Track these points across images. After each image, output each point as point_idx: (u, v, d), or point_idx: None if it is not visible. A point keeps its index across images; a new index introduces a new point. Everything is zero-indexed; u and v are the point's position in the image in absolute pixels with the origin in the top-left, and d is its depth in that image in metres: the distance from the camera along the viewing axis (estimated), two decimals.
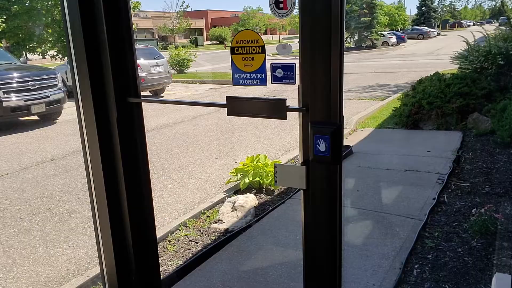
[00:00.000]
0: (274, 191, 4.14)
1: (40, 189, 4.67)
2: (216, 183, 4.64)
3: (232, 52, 1.54)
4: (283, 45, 1.61)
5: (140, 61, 10.89)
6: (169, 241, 3.24)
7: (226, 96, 1.55)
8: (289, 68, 1.49)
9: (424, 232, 3.10)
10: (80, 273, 2.93)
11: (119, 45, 1.81)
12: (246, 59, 1.53)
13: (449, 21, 61.28)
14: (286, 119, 1.49)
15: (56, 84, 8.62)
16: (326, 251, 1.59)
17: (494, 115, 5.57)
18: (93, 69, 1.79)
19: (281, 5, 1.45)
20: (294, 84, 1.49)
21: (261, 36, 1.54)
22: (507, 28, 9.11)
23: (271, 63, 1.49)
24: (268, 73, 1.53)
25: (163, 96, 11.80)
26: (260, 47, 1.51)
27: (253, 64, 1.53)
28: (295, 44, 1.55)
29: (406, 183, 4.12)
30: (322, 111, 1.45)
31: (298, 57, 1.46)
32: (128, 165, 1.92)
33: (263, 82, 1.53)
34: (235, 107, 1.57)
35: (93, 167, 1.92)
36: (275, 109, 1.51)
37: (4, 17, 16.78)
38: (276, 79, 1.50)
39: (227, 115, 1.57)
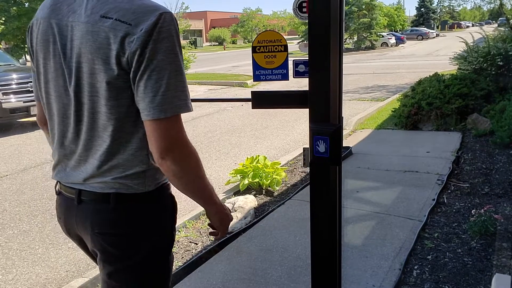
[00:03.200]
0: (273, 192, 4.14)
1: (40, 190, 4.66)
2: (216, 184, 4.64)
3: (254, 51, 1.65)
4: (305, 44, 1.74)
5: None
6: None
7: (251, 91, 1.67)
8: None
9: (423, 233, 3.11)
10: (79, 274, 2.92)
11: None
12: (268, 57, 1.65)
13: (448, 22, 61.40)
14: (307, 108, 1.57)
15: None
16: (325, 251, 1.59)
17: (493, 115, 5.57)
18: None
19: (304, 9, 1.59)
20: None
21: None
22: (506, 29, 9.13)
23: (293, 60, 1.64)
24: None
25: None
26: (283, 46, 1.64)
27: (275, 61, 1.65)
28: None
29: (405, 184, 4.12)
30: (321, 112, 1.45)
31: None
32: None
33: (285, 77, 1.66)
34: (259, 100, 1.67)
35: None
36: (295, 100, 1.63)
37: (3, 18, 16.78)
38: (298, 74, 1.63)
39: (252, 108, 1.68)
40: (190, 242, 3.23)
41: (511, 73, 6.96)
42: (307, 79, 1.52)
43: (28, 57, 19.38)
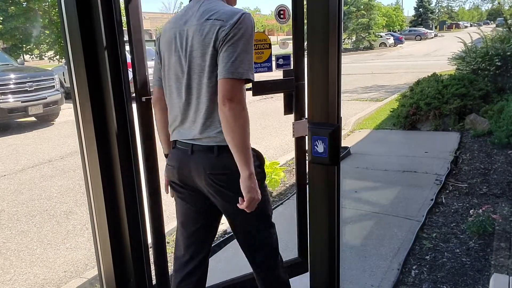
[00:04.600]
0: (272, 192, 4.14)
1: (38, 190, 4.66)
2: None
3: None
4: (283, 42, 2.31)
5: None
6: (168, 243, 3.23)
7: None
8: (287, 57, 2.11)
9: (422, 233, 3.11)
10: (78, 275, 2.92)
11: (117, 45, 1.80)
12: (258, 53, 2.07)
13: (446, 22, 61.45)
14: (294, 90, 1.94)
15: (54, 85, 8.60)
16: (324, 251, 1.59)
17: (491, 116, 5.58)
18: (90, 70, 1.79)
19: (281, 16, 2.13)
20: (291, 68, 2.13)
21: None
22: (504, 29, 9.14)
23: (275, 55, 2.05)
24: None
25: None
26: (267, 44, 2.10)
27: (262, 57, 2.08)
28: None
29: (404, 184, 4.12)
30: (320, 112, 1.45)
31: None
32: (126, 167, 1.92)
33: (270, 69, 2.09)
34: (258, 88, 2.02)
35: (91, 168, 1.92)
36: (283, 85, 2.08)
37: (1, 18, 16.73)
38: (278, 66, 2.10)
39: (252, 95, 2.01)
40: None
41: (509, 73, 6.98)
42: (282, 72, 1.98)
43: (26, 56, 19.37)
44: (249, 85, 1.93)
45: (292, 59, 2.12)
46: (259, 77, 2.15)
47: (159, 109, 1.73)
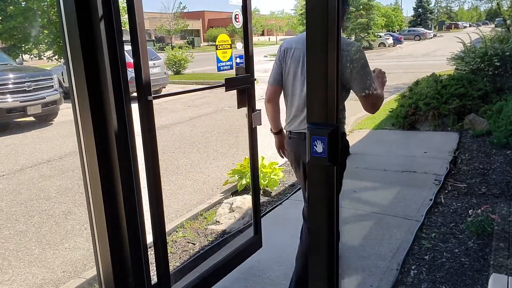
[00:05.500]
0: (271, 192, 4.14)
1: (36, 190, 4.65)
2: (214, 184, 4.64)
3: (217, 48, 2.36)
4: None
5: None
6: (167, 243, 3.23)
7: (225, 78, 2.24)
8: (242, 56, 2.41)
9: (421, 233, 3.11)
10: (76, 275, 2.91)
11: (116, 45, 1.80)
12: (224, 52, 2.37)
13: (445, 23, 61.47)
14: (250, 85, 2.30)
15: (52, 85, 8.59)
16: (323, 251, 1.59)
17: (490, 116, 5.59)
18: (89, 70, 1.78)
19: (237, 20, 2.40)
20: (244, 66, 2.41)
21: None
22: (503, 30, 9.15)
23: (234, 54, 2.37)
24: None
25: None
26: (229, 45, 2.40)
27: (226, 56, 2.39)
28: None
29: (403, 184, 4.12)
30: (319, 112, 1.45)
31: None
32: (125, 166, 1.91)
33: (231, 67, 2.38)
34: (230, 84, 2.28)
35: (90, 169, 1.91)
36: (246, 81, 2.38)
37: (0, 18, 16.71)
38: (237, 64, 2.39)
39: (225, 90, 2.23)
40: (188, 242, 3.23)
41: (508, 73, 6.98)
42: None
43: (25, 56, 19.34)
44: (222, 81, 2.33)
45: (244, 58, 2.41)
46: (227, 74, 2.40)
47: (274, 103, 2.27)
